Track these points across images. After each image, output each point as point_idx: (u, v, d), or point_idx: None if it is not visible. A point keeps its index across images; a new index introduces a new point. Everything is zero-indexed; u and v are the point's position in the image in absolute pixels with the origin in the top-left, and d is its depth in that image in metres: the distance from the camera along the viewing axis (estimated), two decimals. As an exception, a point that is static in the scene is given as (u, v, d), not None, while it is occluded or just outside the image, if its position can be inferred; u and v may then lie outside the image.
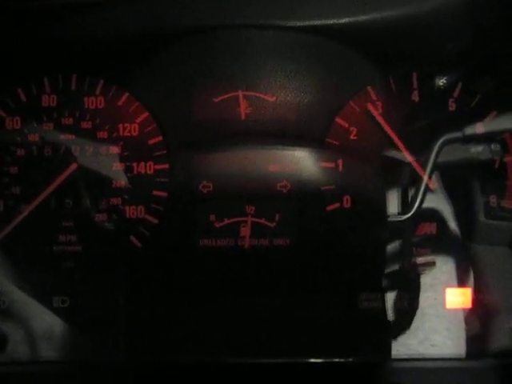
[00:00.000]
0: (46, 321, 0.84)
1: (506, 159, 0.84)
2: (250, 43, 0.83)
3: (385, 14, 0.80)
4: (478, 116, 0.84)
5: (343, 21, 0.81)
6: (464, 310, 0.85)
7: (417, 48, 0.84)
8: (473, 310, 0.84)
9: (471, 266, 0.86)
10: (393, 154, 0.84)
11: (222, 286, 0.82)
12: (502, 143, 0.84)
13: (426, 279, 0.84)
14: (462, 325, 0.84)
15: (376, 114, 0.83)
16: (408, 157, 0.84)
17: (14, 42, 0.82)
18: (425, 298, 0.83)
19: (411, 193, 0.84)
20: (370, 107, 0.83)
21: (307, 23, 0.82)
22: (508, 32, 0.82)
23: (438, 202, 0.86)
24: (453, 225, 0.86)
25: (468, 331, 0.84)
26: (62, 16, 0.80)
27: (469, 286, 0.85)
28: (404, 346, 0.83)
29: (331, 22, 0.81)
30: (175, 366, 0.82)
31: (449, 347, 0.83)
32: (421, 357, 0.83)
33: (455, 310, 0.84)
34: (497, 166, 0.84)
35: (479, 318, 0.84)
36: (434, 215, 0.85)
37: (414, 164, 0.83)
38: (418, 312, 0.83)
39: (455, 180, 0.86)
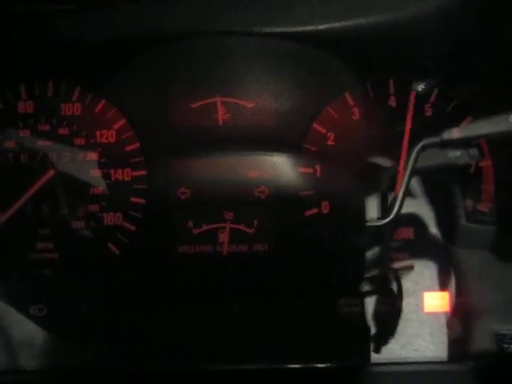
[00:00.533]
0: (24, 329, 0.84)
1: (482, 164, 0.85)
2: (228, 49, 0.83)
3: (362, 21, 0.81)
4: (455, 121, 0.84)
5: (321, 27, 0.81)
6: (444, 313, 0.85)
7: (394, 54, 0.84)
8: (452, 313, 0.85)
9: (451, 270, 0.87)
10: (371, 159, 0.85)
11: (200, 293, 0.82)
12: (478, 148, 0.85)
13: (407, 284, 0.84)
14: (444, 328, 0.85)
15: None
16: (386, 162, 0.84)
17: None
18: (406, 304, 0.83)
19: (390, 198, 0.84)
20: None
21: (286, 30, 0.82)
22: (484, 39, 0.83)
23: (417, 206, 0.87)
24: (432, 229, 0.87)
25: (449, 335, 0.85)
26: (38, 22, 0.80)
27: (447, 290, 0.86)
28: (386, 351, 0.83)
29: (309, 28, 0.81)
30: (155, 374, 0.81)
31: (431, 351, 0.84)
32: (401, 361, 0.83)
33: (436, 314, 0.85)
34: (472, 170, 0.85)
35: (459, 321, 0.85)
36: (412, 220, 0.86)
37: (393, 169, 0.84)
38: (400, 317, 0.83)
39: (434, 184, 0.87)
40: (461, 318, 0.85)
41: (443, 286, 0.86)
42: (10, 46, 0.81)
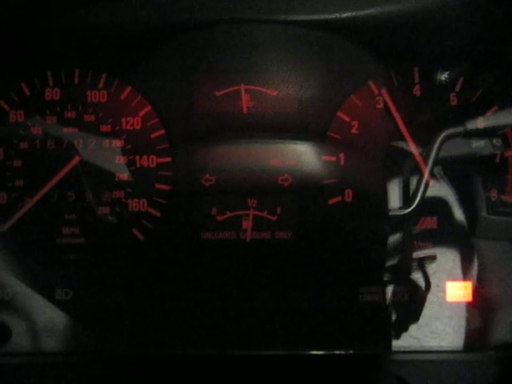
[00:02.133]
0: (49, 313, 0.85)
1: (507, 154, 0.84)
2: (253, 38, 0.83)
3: (387, 9, 0.81)
4: (480, 110, 0.84)
5: (345, 15, 0.81)
6: (465, 303, 0.85)
7: (418, 43, 0.84)
8: (473, 303, 0.85)
9: (474, 260, 0.86)
10: (395, 148, 0.84)
11: (223, 279, 0.83)
12: (504, 138, 0.85)
13: (429, 274, 0.84)
14: (463, 317, 0.85)
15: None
16: (410, 150, 0.84)
17: (18, 37, 0.82)
18: (428, 293, 0.83)
19: (413, 187, 0.84)
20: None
21: (310, 18, 0.82)
22: (509, 27, 0.82)
23: (439, 196, 0.86)
24: (454, 219, 0.86)
25: (468, 324, 0.84)
26: (65, 10, 0.80)
27: (470, 280, 0.85)
28: (405, 334, 0.83)
29: (333, 16, 0.81)
30: (177, 359, 0.82)
31: (450, 337, 0.84)
32: (420, 349, 0.83)
33: (458, 304, 0.85)
34: (498, 160, 0.84)
35: (480, 311, 0.85)
36: (435, 209, 0.85)
37: (416, 158, 0.84)
38: (422, 306, 0.83)
39: (457, 174, 0.86)
40: (480, 307, 0.85)
41: (466, 276, 0.86)
42: (37, 34, 0.83)
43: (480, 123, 0.83)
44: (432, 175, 0.83)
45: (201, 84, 0.84)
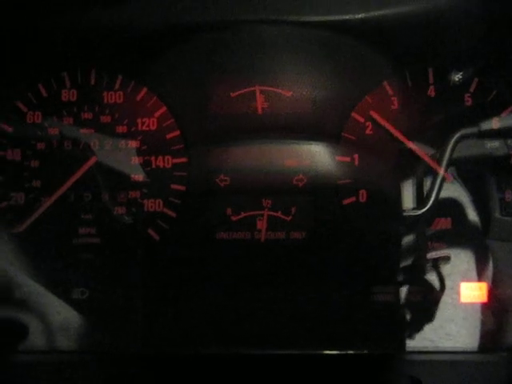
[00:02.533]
0: (65, 312, 0.86)
1: (522, 154, 0.84)
2: (267, 39, 0.84)
3: (400, 10, 0.81)
4: (494, 111, 0.84)
5: (359, 16, 0.81)
6: (480, 304, 0.85)
7: (433, 43, 0.84)
8: (488, 304, 0.85)
9: (488, 261, 0.86)
10: (409, 148, 0.84)
11: (238, 279, 0.83)
12: (518, 138, 0.85)
13: (443, 274, 0.84)
14: (478, 318, 0.84)
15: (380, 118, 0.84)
16: (424, 152, 0.84)
17: (35, 38, 0.84)
18: (443, 293, 0.83)
19: (426, 187, 0.84)
20: (374, 115, 0.83)
21: (323, 18, 0.82)
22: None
23: (453, 197, 0.86)
24: (468, 220, 0.86)
25: (483, 325, 0.84)
26: (80, 12, 0.81)
27: (484, 281, 0.85)
28: (418, 335, 0.83)
29: (347, 17, 0.82)
30: (192, 358, 0.83)
31: (463, 337, 0.84)
32: (434, 349, 0.83)
33: (472, 305, 0.84)
34: (512, 161, 0.84)
35: (494, 312, 0.85)
36: (449, 210, 0.85)
37: (430, 159, 0.84)
38: (437, 307, 0.83)
39: (471, 175, 0.86)
40: (495, 309, 0.84)
41: (480, 277, 0.85)
42: (53, 35, 0.84)
43: (495, 124, 0.83)
44: (446, 176, 0.83)
45: (215, 85, 0.84)
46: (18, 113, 0.86)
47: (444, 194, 0.84)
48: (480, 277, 0.85)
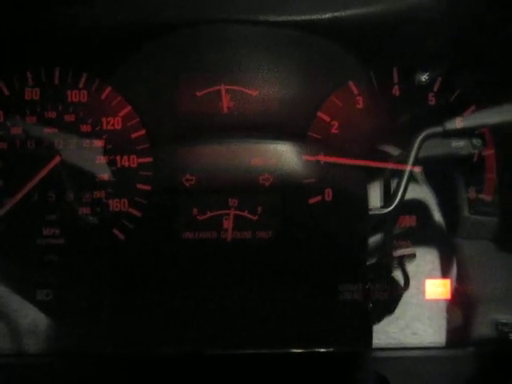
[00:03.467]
0: (30, 314, 0.84)
1: (485, 153, 0.85)
2: (233, 38, 0.84)
3: (366, 10, 0.82)
4: (458, 110, 0.85)
5: (325, 16, 0.82)
6: (445, 300, 0.86)
7: (397, 43, 0.85)
8: (452, 300, 0.86)
9: (453, 258, 0.87)
10: (374, 148, 0.85)
11: (204, 278, 0.83)
12: (481, 137, 0.86)
13: (408, 272, 0.85)
14: (443, 314, 0.86)
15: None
16: (389, 151, 0.85)
17: (-4, 35, 0.82)
18: (408, 290, 0.84)
19: (393, 186, 0.85)
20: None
21: (290, 18, 0.83)
22: (487, 28, 0.84)
23: (419, 195, 0.87)
24: (434, 218, 0.87)
25: (448, 321, 0.86)
26: (44, 9, 0.80)
27: (449, 278, 0.86)
28: (385, 335, 0.84)
29: (314, 17, 0.82)
30: (158, 358, 0.82)
31: (430, 335, 0.85)
32: (401, 346, 0.84)
33: (437, 301, 0.86)
34: (475, 159, 0.85)
35: (460, 308, 0.86)
36: (415, 208, 0.86)
37: (395, 158, 0.85)
38: (401, 304, 0.84)
39: (437, 174, 0.87)
40: (459, 305, 0.86)
41: (445, 274, 0.87)
42: (16, 33, 0.82)
43: (458, 123, 0.84)
44: (412, 175, 0.84)
45: (181, 84, 0.84)
46: (-21, 112, 0.84)
47: (410, 192, 0.85)
48: (445, 274, 0.86)
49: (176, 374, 0.81)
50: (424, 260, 0.86)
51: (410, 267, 0.85)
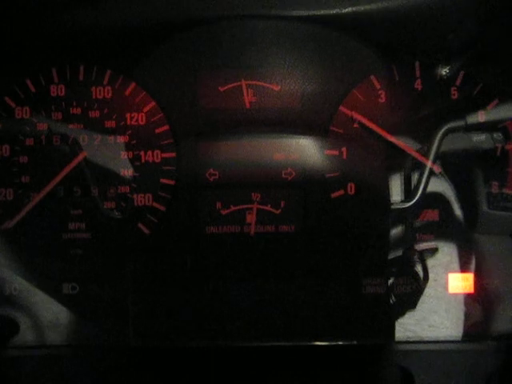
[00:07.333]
0: (56, 307, 0.86)
1: (508, 147, 0.85)
2: (255, 33, 0.84)
3: (387, 4, 0.81)
4: (480, 104, 0.85)
5: (346, 10, 0.82)
6: (467, 294, 0.86)
7: (419, 37, 0.85)
8: (475, 294, 0.86)
9: (474, 253, 0.87)
10: (396, 142, 0.85)
11: (228, 272, 0.84)
12: (504, 131, 0.85)
13: (431, 265, 0.85)
14: (462, 307, 0.86)
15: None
16: (411, 145, 0.85)
17: (23, 33, 0.83)
18: (431, 284, 0.84)
19: (414, 180, 0.85)
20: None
21: (311, 13, 0.83)
22: (509, 21, 0.83)
23: (441, 189, 0.87)
24: (455, 212, 0.87)
25: (468, 314, 0.86)
26: (70, 7, 0.81)
27: (471, 272, 0.86)
28: (402, 327, 0.84)
29: (334, 11, 0.82)
30: (183, 351, 0.83)
31: (446, 328, 0.85)
32: (424, 339, 0.84)
33: (460, 295, 0.86)
34: (498, 153, 0.85)
35: (481, 302, 0.86)
36: (437, 202, 0.86)
37: (417, 152, 0.85)
38: (424, 298, 0.84)
39: (458, 168, 0.87)
40: (483, 299, 0.86)
41: (466, 268, 0.86)
42: (42, 31, 0.83)
43: (481, 117, 0.84)
44: (433, 169, 0.84)
45: (204, 80, 0.84)
46: (6, 108, 0.85)
47: (431, 186, 0.85)
48: (466, 268, 0.86)
49: (200, 367, 0.82)
50: (445, 254, 0.86)
51: (431, 261, 0.85)
